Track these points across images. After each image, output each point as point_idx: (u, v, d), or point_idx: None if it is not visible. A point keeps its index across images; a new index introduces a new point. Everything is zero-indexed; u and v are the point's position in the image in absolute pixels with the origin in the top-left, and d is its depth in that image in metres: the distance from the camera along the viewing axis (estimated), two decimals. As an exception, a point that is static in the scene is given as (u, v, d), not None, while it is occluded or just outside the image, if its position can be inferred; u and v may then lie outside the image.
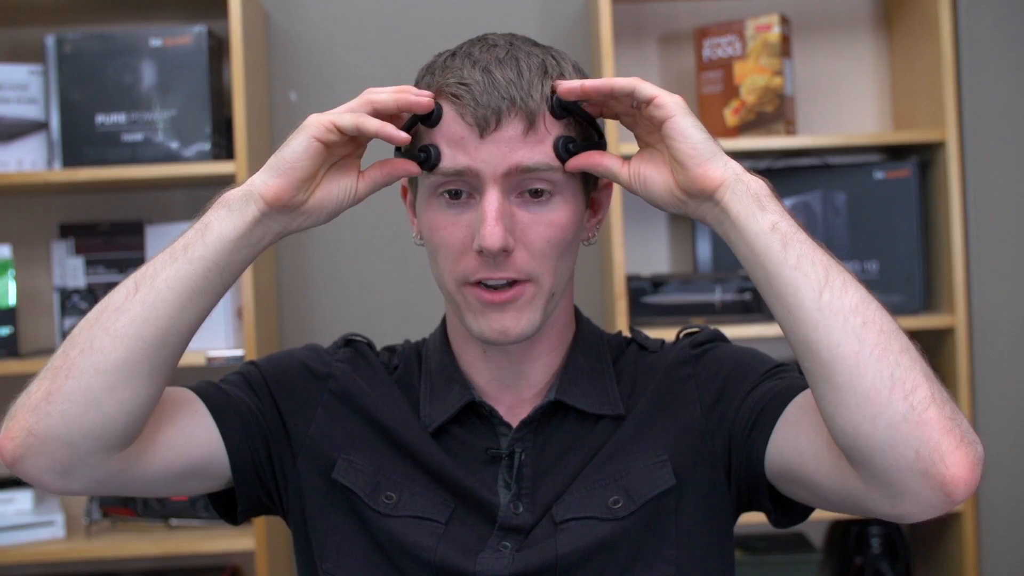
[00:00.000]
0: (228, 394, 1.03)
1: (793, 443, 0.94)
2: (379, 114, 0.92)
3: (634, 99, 0.92)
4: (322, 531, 1.02)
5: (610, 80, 0.92)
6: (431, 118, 0.94)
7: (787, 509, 1.02)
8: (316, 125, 0.90)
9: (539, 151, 0.94)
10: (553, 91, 0.94)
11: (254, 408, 1.03)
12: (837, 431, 0.86)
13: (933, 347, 2.21)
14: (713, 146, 0.91)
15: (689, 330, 1.10)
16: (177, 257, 0.91)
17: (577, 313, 1.09)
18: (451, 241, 0.96)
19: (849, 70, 2.39)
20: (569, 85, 0.93)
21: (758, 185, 0.90)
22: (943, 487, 0.82)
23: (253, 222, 0.92)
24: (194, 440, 0.99)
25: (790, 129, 2.21)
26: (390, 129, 0.90)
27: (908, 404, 0.83)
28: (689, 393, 1.03)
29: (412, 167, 0.95)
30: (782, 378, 1.01)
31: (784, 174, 2.31)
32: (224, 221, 0.92)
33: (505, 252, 0.94)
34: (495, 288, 0.95)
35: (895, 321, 0.87)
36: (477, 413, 1.04)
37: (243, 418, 1.03)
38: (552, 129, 0.95)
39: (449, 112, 0.94)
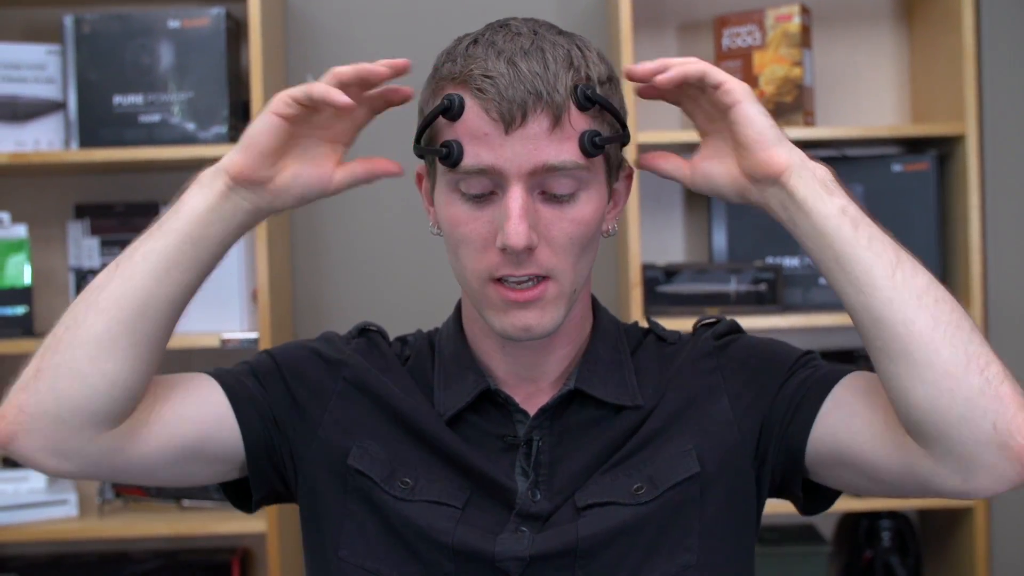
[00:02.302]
0: (241, 381, 1.03)
1: (847, 426, 0.95)
2: (351, 89, 0.93)
3: (703, 83, 0.93)
4: (336, 519, 1.02)
5: (683, 68, 0.92)
6: (452, 111, 0.92)
7: (816, 497, 1.03)
8: (276, 100, 0.93)
9: (565, 148, 0.92)
10: (577, 84, 0.92)
11: (260, 398, 1.03)
12: (911, 406, 0.88)
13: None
14: (779, 132, 0.92)
15: (706, 321, 1.10)
16: (152, 233, 0.95)
17: (595, 303, 1.08)
18: (473, 237, 0.95)
19: (869, 61, 2.37)
20: (640, 70, 0.93)
21: (823, 171, 0.92)
22: (1020, 459, 0.86)
23: (221, 196, 0.94)
24: (194, 418, 0.99)
25: (808, 120, 2.20)
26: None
27: (984, 378, 0.86)
28: (715, 385, 1.03)
29: (393, 167, 0.96)
30: (816, 367, 1.01)
31: (801, 165, 2.29)
32: (196, 196, 0.95)
33: (530, 249, 0.92)
34: (518, 285, 0.94)
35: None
36: (493, 401, 1.03)
37: (257, 405, 1.02)
38: (577, 123, 0.93)
39: (472, 106, 0.92)
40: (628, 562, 0.97)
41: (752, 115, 0.91)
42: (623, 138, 0.97)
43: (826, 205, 0.90)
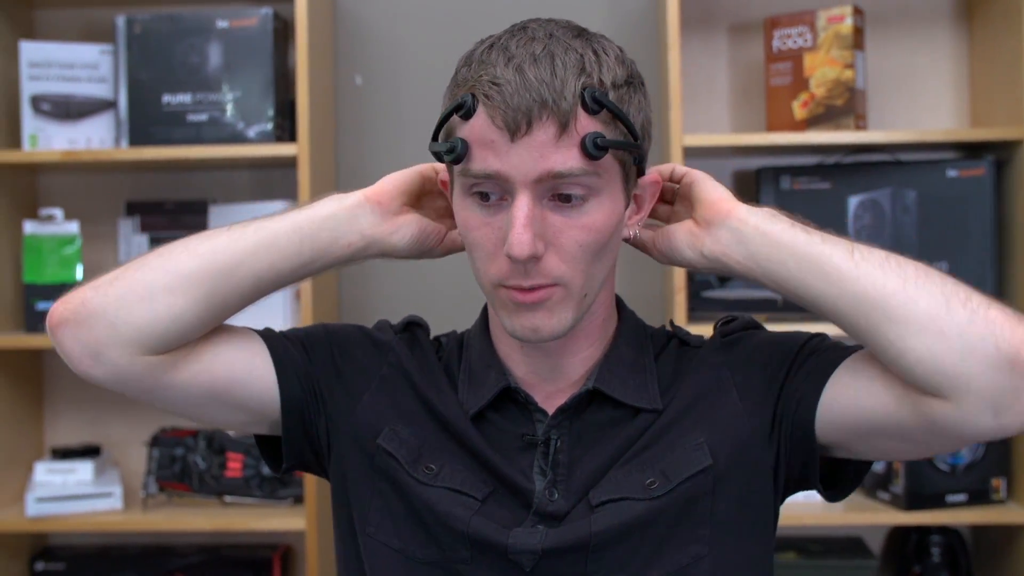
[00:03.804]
0: (286, 344, 1.07)
1: (867, 392, 0.95)
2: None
3: (672, 178, 1.05)
4: (365, 497, 1.05)
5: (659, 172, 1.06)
6: (464, 108, 0.93)
7: (836, 481, 1.03)
8: (422, 166, 1.07)
9: (572, 156, 0.92)
10: (585, 87, 0.92)
11: (303, 364, 1.07)
12: (914, 365, 0.88)
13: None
14: (732, 194, 1.00)
15: (725, 319, 1.10)
16: (274, 216, 1.03)
17: (620, 305, 1.09)
18: (484, 242, 0.96)
19: (924, 64, 2.32)
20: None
21: (768, 209, 0.98)
22: None
23: (347, 207, 1.02)
24: (228, 362, 1.03)
25: (860, 124, 2.15)
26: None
27: (969, 309, 0.87)
28: (724, 379, 1.03)
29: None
30: (823, 348, 1.01)
31: (853, 170, 2.25)
32: (325, 203, 1.04)
33: (535, 258, 0.93)
34: (526, 288, 0.95)
35: None
36: (513, 400, 1.05)
37: (299, 370, 1.06)
38: (584, 129, 0.92)
39: (481, 113, 0.93)
40: (639, 555, 0.98)
41: (713, 183, 1.01)
42: (634, 144, 0.96)
43: (777, 223, 0.96)
